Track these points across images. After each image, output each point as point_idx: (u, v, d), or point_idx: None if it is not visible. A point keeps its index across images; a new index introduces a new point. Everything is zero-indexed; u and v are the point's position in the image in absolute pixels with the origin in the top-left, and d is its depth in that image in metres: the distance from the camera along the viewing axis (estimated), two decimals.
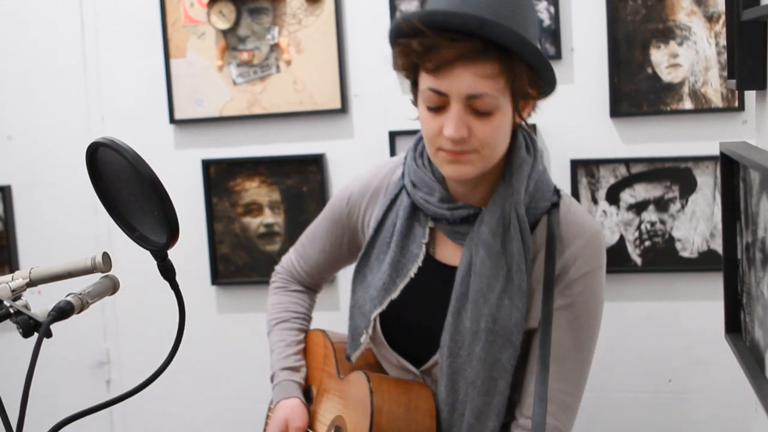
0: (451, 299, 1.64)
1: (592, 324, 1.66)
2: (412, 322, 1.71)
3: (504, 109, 1.53)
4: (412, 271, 1.69)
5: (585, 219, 1.68)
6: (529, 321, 1.63)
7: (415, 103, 1.63)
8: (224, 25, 2.55)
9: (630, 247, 2.38)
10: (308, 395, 1.86)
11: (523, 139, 1.66)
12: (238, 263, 2.66)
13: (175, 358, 1.02)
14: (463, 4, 1.46)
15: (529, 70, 1.51)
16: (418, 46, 1.49)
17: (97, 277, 1.07)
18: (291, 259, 2.00)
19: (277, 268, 2.04)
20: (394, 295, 1.70)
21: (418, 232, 1.70)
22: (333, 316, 2.47)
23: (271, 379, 1.87)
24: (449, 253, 1.70)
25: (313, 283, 2.01)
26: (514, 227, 1.60)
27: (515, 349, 1.60)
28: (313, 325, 1.99)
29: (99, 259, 1.05)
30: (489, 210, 1.61)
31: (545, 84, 1.56)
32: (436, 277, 1.69)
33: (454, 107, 1.51)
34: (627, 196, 2.37)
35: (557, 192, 1.69)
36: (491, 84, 1.49)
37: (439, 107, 1.53)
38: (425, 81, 1.54)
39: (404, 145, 2.36)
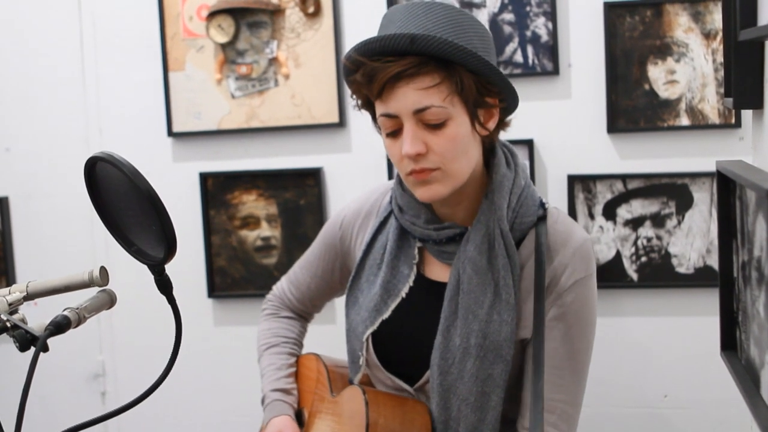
0: (441, 318, 1.64)
1: (586, 332, 1.66)
2: (404, 341, 1.71)
3: (457, 119, 1.55)
4: (404, 291, 1.70)
5: (572, 228, 1.69)
6: (520, 331, 1.63)
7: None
8: (223, 39, 2.55)
9: (626, 263, 2.38)
10: (300, 419, 1.85)
11: (503, 154, 1.68)
12: (235, 276, 2.65)
13: (171, 370, 1.02)
14: (395, 27, 1.53)
15: (474, 75, 1.53)
16: (361, 78, 1.55)
17: (94, 290, 1.07)
18: (282, 287, 2.01)
19: (269, 295, 2.04)
20: (386, 315, 1.71)
21: (409, 253, 1.71)
22: (330, 329, 2.48)
23: (262, 402, 1.86)
24: (439, 270, 1.71)
25: (304, 311, 2.01)
26: (499, 243, 1.61)
27: (506, 363, 1.60)
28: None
29: (96, 273, 1.05)
30: (474, 228, 1.63)
31: (500, 90, 1.58)
32: (427, 294, 1.69)
33: (406, 125, 1.55)
34: (624, 212, 2.37)
35: (543, 205, 1.70)
36: (435, 94, 1.52)
37: (396, 131, 1.58)
38: (378, 109, 1.59)
39: None
